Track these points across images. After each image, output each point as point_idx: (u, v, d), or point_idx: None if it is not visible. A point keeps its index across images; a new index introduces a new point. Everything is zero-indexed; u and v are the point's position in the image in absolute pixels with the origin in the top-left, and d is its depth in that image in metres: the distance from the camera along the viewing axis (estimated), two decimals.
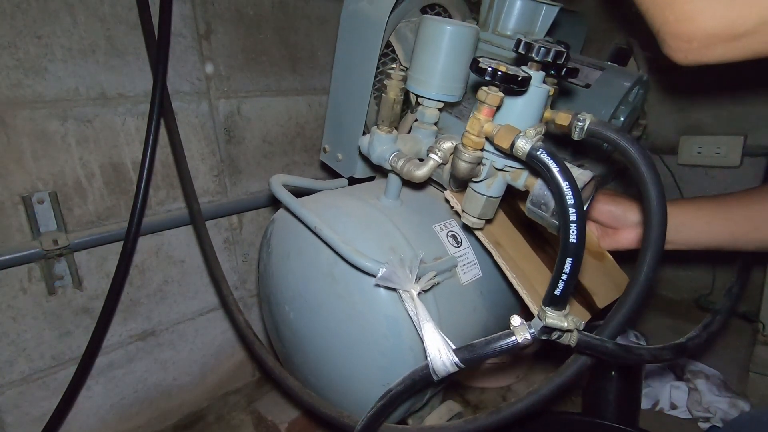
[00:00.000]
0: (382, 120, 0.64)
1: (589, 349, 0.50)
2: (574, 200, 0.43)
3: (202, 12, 1.00)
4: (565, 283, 0.45)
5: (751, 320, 1.28)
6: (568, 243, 0.44)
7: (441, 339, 0.53)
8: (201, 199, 1.07)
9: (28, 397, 0.89)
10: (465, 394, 1.17)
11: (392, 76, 0.61)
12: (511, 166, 0.55)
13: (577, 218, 0.43)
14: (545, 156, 0.45)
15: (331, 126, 0.80)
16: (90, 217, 0.91)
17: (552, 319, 0.45)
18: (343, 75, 0.75)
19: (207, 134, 1.05)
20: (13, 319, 0.85)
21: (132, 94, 0.93)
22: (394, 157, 0.63)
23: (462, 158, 0.53)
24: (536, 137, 0.47)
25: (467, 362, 0.51)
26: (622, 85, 0.73)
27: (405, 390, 0.55)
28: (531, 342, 0.47)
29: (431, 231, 0.69)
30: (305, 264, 0.70)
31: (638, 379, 0.98)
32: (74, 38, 0.85)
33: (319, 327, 0.70)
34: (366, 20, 0.67)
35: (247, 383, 1.23)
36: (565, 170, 0.44)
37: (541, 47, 0.47)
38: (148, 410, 1.07)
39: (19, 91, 0.81)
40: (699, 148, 1.28)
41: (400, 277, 0.55)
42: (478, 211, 0.58)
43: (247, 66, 1.09)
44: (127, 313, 1.00)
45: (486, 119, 0.51)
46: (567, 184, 0.43)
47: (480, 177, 0.56)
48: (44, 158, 0.85)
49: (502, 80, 0.46)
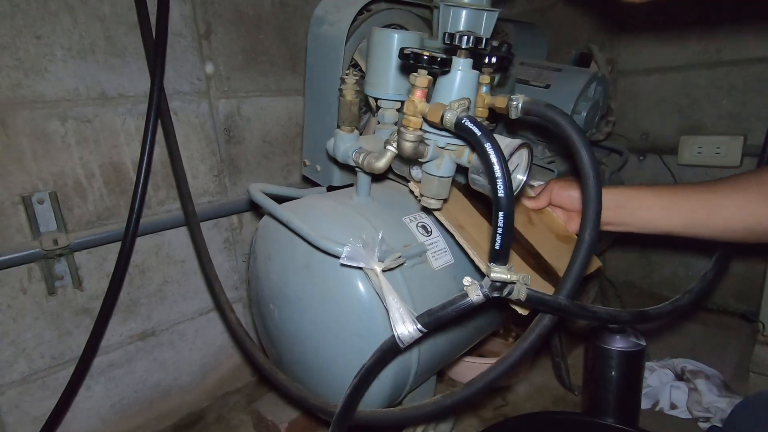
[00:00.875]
0: (343, 121, 0.69)
1: (541, 305, 0.53)
2: (497, 158, 0.48)
3: (202, 12, 1.00)
4: (501, 237, 0.48)
5: (751, 320, 1.28)
6: (498, 198, 0.48)
7: (404, 308, 0.56)
8: (201, 199, 1.07)
9: (28, 397, 0.89)
10: None
11: (346, 81, 0.68)
12: (453, 144, 0.61)
13: (501, 174, 0.47)
14: (469, 123, 0.51)
15: (308, 140, 0.87)
16: (90, 217, 0.91)
17: (497, 273, 0.49)
18: (314, 92, 0.83)
19: (207, 134, 1.05)
20: (13, 319, 0.85)
21: (132, 94, 0.93)
22: (356, 154, 0.68)
23: (405, 138, 0.59)
24: (460, 109, 0.53)
25: (428, 326, 0.55)
26: (578, 82, 0.81)
27: (376, 362, 0.58)
28: (483, 299, 0.50)
29: (401, 222, 0.73)
30: (284, 261, 0.74)
31: (638, 380, 0.98)
32: (74, 38, 0.85)
33: (300, 319, 0.73)
34: (328, 40, 0.76)
35: (247, 383, 1.23)
36: (487, 133, 0.49)
37: (462, 36, 0.54)
38: (148, 410, 1.07)
39: (19, 91, 0.81)
40: (699, 148, 1.28)
41: (363, 255, 0.59)
42: (433, 191, 0.64)
43: (247, 66, 1.09)
44: (128, 313, 1.00)
45: (420, 100, 0.57)
46: (489, 145, 0.48)
47: (426, 157, 0.62)
48: (44, 158, 0.85)
49: (426, 63, 0.54)
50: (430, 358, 0.73)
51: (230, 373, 1.20)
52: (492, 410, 1.12)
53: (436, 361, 0.77)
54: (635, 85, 1.41)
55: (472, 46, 0.54)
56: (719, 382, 1.09)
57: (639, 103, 1.41)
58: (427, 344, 0.71)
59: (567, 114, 0.53)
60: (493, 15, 0.71)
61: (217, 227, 1.11)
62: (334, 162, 0.78)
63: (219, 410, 1.17)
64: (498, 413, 1.11)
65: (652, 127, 1.40)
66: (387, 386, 0.69)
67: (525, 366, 1.21)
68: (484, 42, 0.54)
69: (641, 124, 1.42)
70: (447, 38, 0.55)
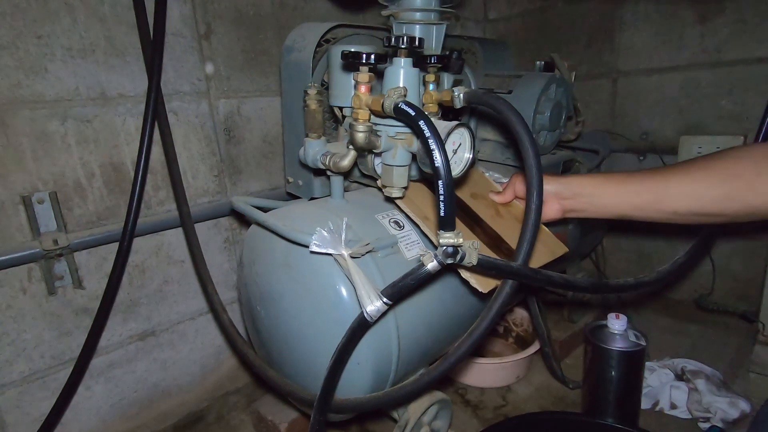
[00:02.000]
0: (309, 128, 0.76)
1: (494, 269, 0.57)
2: (431, 132, 0.53)
3: (202, 12, 1.00)
4: (444, 203, 0.52)
5: (751, 320, 1.28)
6: (436, 168, 0.52)
7: (369, 285, 0.60)
8: (201, 199, 1.07)
9: (28, 397, 0.89)
10: (465, 395, 1.17)
11: (309, 92, 0.74)
12: (401, 132, 0.67)
13: (436, 146, 0.52)
14: (404, 106, 0.57)
15: (288, 158, 0.94)
16: (90, 217, 0.91)
17: (445, 239, 0.52)
18: (290, 113, 0.90)
19: (207, 134, 1.05)
20: (13, 319, 0.85)
21: (132, 94, 0.93)
22: (323, 157, 0.74)
23: (356, 130, 0.65)
24: (396, 95, 0.59)
25: (392, 297, 0.58)
26: (537, 84, 0.88)
27: (348, 340, 0.61)
28: (439, 266, 0.54)
29: (374, 219, 0.78)
30: (266, 263, 0.79)
31: (638, 380, 0.98)
32: (74, 38, 0.85)
33: (283, 315, 0.77)
34: (297, 65, 0.84)
35: (247, 383, 1.23)
36: (421, 113, 0.55)
37: (398, 37, 0.62)
38: (148, 410, 1.07)
39: (19, 91, 0.81)
40: (699, 148, 1.28)
41: (330, 241, 0.63)
42: (392, 180, 0.70)
43: (247, 66, 1.09)
44: (128, 313, 1.00)
45: (364, 94, 0.64)
46: (423, 122, 0.54)
47: (380, 148, 0.68)
48: (44, 158, 0.85)
49: (365, 59, 0.61)
50: (411, 345, 0.76)
51: (230, 373, 1.20)
52: (492, 410, 1.12)
53: (420, 349, 0.79)
54: (635, 85, 1.41)
55: (408, 46, 0.62)
56: (719, 382, 1.09)
57: (639, 103, 1.41)
58: (407, 330, 0.74)
59: (503, 99, 0.60)
60: (442, 27, 0.78)
61: (217, 227, 1.11)
62: (312, 172, 0.86)
63: (219, 410, 1.17)
64: (498, 413, 1.11)
65: (652, 127, 1.40)
66: (369, 371, 0.72)
67: (525, 366, 1.21)
68: (417, 41, 0.62)
69: (641, 123, 1.42)
70: (386, 42, 0.63)
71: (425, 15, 0.74)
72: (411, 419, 0.81)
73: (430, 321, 0.78)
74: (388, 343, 0.72)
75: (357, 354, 0.68)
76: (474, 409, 1.12)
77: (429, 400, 0.84)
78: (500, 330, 1.40)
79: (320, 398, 0.65)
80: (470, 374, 1.20)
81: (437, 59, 0.67)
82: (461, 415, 1.10)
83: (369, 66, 0.63)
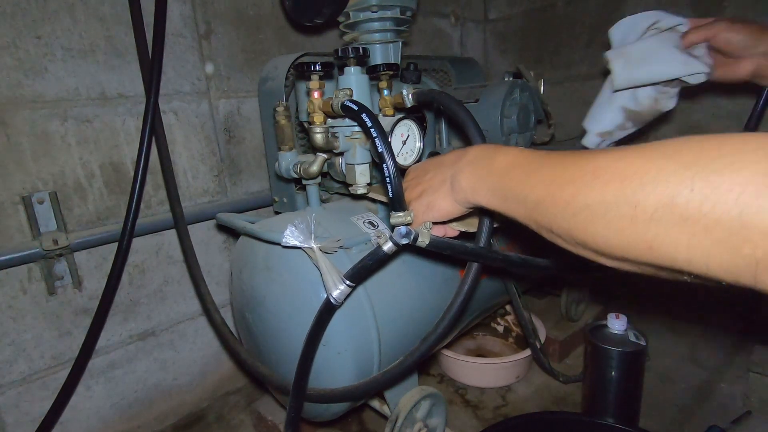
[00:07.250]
0: (281, 142, 0.80)
1: (448, 249, 0.58)
2: (371, 122, 0.57)
3: (202, 12, 1.00)
4: (390, 185, 0.55)
5: (751, 320, 1.28)
6: (379, 153, 0.55)
7: (333, 270, 0.63)
8: (201, 198, 1.07)
9: (27, 397, 0.89)
10: (465, 395, 1.17)
11: (277, 109, 0.80)
12: (357, 132, 0.73)
13: (377, 134, 0.56)
14: (348, 103, 0.61)
15: (272, 178, 0.99)
16: (90, 217, 0.91)
17: (396, 218, 0.56)
18: (270, 137, 0.96)
19: (207, 134, 1.05)
20: (13, 319, 0.85)
21: (132, 94, 0.93)
22: (294, 166, 0.79)
23: (314, 132, 0.71)
24: (342, 94, 0.65)
25: (353, 278, 0.61)
26: (500, 91, 0.94)
27: (317, 323, 0.64)
28: (395, 247, 0.57)
29: (349, 221, 0.83)
30: (250, 269, 0.82)
31: (638, 380, 0.98)
32: (74, 38, 0.85)
33: (268, 316, 0.80)
34: (272, 93, 0.91)
35: (247, 383, 1.23)
36: (363, 108, 0.59)
37: (345, 48, 0.68)
38: (148, 410, 1.07)
39: (19, 91, 0.81)
40: None
41: (300, 235, 0.65)
42: (356, 178, 0.75)
43: (248, 66, 1.09)
44: (128, 312, 1.00)
45: (317, 99, 0.70)
46: (364, 114, 0.58)
47: (339, 148, 0.74)
48: (44, 158, 0.85)
49: (313, 68, 0.67)
50: (391, 332, 0.78)
51: (230, 372, 1.20)
52: (492, 410, 1.12)
53: (401, 336, 0.81)
54: None
55: (355, 55, 0.68)
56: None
57: None
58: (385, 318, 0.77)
59: (447, 93, 0.64)
60: (398, 44, 0.88)
61: (217, 227, 1.11)
62: (293, 186, 0.93)
63: (219, 410, 1.17)
64: (498, 413, 1.11)
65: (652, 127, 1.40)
66: (350, 360, 0.73)
67: (525, 366, 1.21)
68: (362, 50, 0.68)
69: None
70: (334, 54, 0.69)
71: (383, 35, 0.86)
72: (401, 413, 0.82)
73: (410, 307, 0.81)
74: (367, 331, 0.74)
75: (336, 344, 0.72)
76: (474, 409, 1.12)
77: (419, 393, 0.85)
78: (500, 330, 1.40)
79: (295, 383, 0.67)
80: (470, 374, 1.20)
81: (386, 67, 0.73)
82: (461, 415, 1.10)
83: (318, 74, 0.69)
